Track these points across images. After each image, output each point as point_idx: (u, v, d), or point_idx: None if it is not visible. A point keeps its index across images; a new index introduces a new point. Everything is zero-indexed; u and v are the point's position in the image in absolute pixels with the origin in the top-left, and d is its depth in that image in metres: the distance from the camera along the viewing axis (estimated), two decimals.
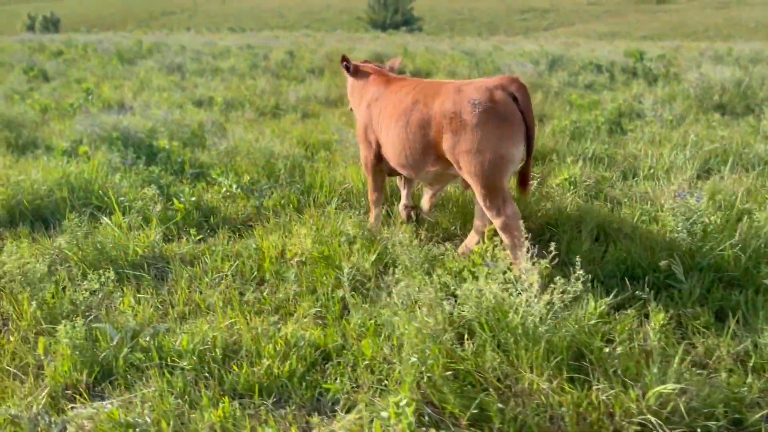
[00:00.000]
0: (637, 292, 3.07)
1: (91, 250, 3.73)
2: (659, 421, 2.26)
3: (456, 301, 2.91)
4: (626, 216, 4.30)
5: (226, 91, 9.79)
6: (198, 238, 4.07)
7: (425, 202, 4.40)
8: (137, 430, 2.33)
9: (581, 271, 2.57)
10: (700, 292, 3.22)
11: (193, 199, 4.50)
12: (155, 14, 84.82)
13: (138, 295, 3.36)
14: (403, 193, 4.43)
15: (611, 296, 2.94)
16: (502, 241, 3.33)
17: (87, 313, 3.10)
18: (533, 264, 2.65)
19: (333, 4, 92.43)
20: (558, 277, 2.54)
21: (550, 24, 75.02)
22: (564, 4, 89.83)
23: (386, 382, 2.59)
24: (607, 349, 2.55)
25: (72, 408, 2.52)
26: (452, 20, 77.37)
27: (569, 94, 8.92)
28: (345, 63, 4.25)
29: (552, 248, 2.88)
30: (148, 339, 2.80)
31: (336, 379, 2.65)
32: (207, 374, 2.68)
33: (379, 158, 3.99)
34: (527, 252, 2.92)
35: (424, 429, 2.29)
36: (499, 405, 2.38)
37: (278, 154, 5.49)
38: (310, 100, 9.21)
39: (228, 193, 4.88)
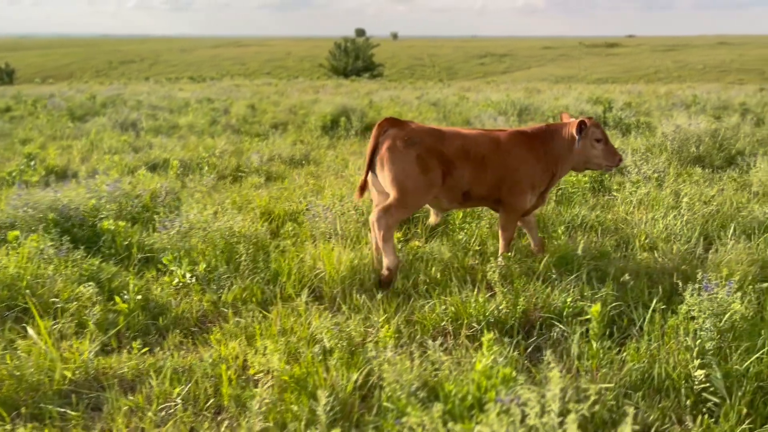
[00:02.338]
0: (685, 423, 2.53)
1: (6, 376, 3.03)
2: None
3: None
4: (634, 300, 3.84)
5: (183, 152, 9.17)
6: (143, 351, 3.40)
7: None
8: None
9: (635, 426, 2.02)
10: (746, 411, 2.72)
11: (139, 297, 3.85)
12: (114, 64, 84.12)
13: None
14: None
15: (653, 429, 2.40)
16: None
17: None
18: (572, 400, 2.10)
19: (294, 51, 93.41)
20: None
21: (508, 68, 77.16)
22: (520, 49, 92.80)
23: None
24: None
25: None
26: (412, 66, 78.89)
27: None
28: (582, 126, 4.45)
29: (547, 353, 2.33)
30: None
31: None
32: None
33: None
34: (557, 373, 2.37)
35: None
36: None
37: (239, 232, 4.88)
38: (273, 159, 8.66)
39: (180, 284, 4.24)
